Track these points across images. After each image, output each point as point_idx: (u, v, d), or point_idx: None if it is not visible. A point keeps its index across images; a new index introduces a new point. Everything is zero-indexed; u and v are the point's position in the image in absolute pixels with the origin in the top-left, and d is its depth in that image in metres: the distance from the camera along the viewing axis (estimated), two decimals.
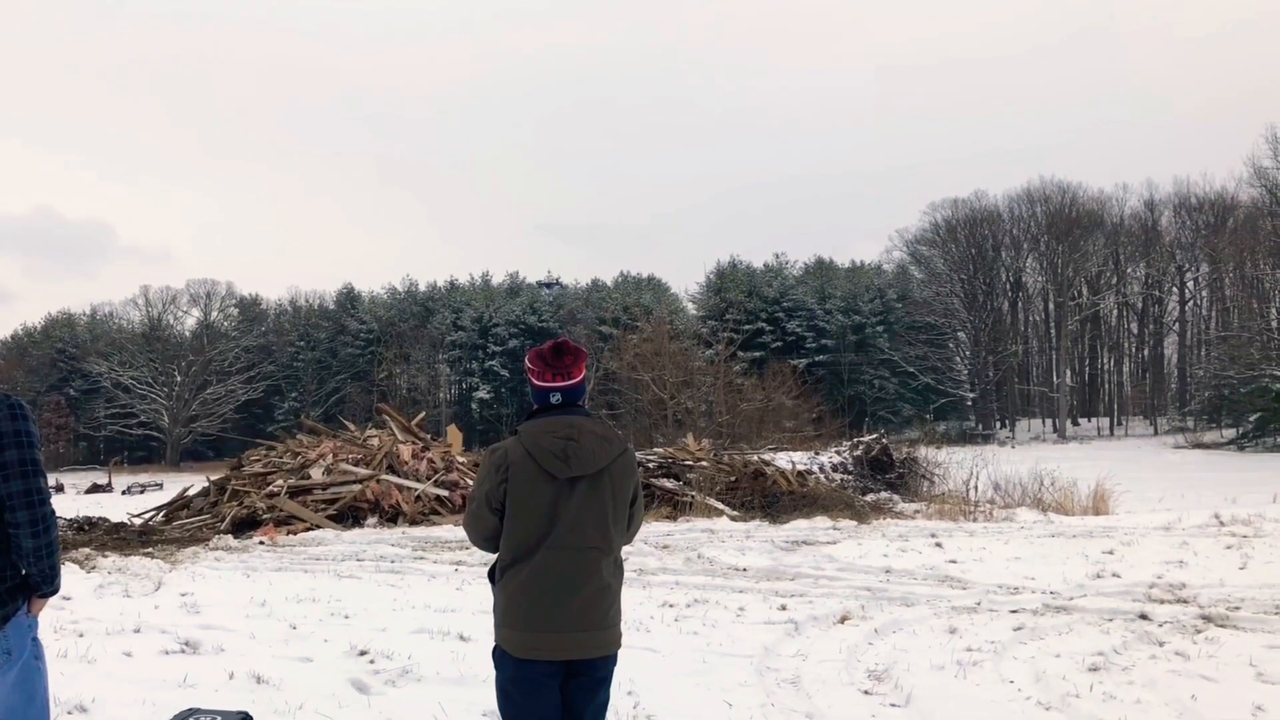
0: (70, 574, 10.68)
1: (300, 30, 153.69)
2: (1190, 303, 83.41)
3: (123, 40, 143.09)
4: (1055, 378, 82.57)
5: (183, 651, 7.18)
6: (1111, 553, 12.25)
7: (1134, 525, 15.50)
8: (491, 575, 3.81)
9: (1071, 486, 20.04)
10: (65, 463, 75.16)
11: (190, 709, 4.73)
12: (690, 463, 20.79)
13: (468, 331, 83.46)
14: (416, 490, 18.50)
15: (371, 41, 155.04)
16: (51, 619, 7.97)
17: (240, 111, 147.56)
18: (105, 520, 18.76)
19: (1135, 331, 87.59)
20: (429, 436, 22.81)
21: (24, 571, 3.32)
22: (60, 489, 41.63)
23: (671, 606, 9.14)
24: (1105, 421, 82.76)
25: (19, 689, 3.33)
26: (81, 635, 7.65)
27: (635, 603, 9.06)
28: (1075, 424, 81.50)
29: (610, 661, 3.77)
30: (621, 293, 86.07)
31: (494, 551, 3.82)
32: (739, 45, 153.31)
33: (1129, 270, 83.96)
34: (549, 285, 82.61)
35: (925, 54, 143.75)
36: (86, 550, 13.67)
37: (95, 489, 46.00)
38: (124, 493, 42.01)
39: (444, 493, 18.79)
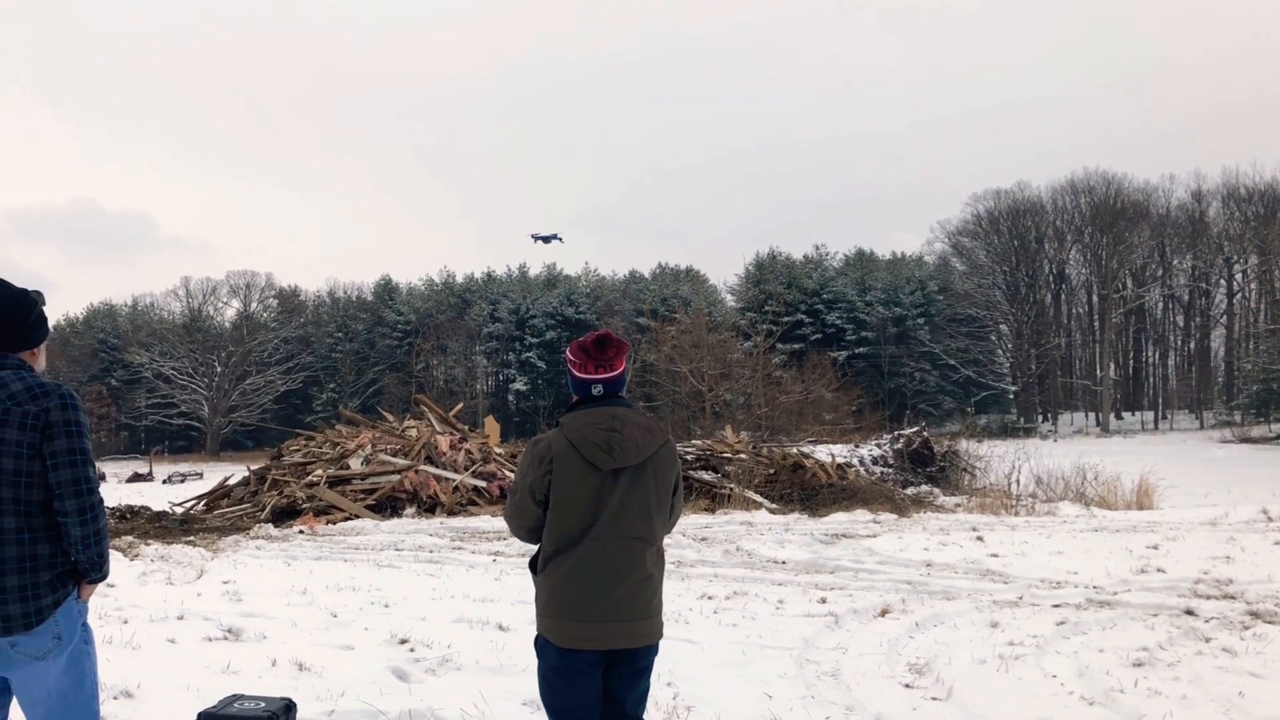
0: (114, 562, 10.80)
1: (336, 22, 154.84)
2: (1239, 295, 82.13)
3: (162, 32, 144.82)
4: (1099, 371, 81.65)
5: (225, 639, 7.25)
6: (1156, 548, 12.08)
7: (1179, 520, 15.27)
8: (533, 565, 3.82)
9: (1115, 481, 19.78)
10: (107, 452, 76.30)
11: (235, 695, 4.77)
12: (728, 455, 20.74)
13: (505, 323, 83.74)
14: (454, 481, 18.59)
15: (406, 33, 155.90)
16: (96, 606, 8.07)
17: (278, 104, 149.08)
18: (147, 509, 18.99)
19: (1181, 324, 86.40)
20: (466, 428, 22.92)
21: (73, 558, 3.35)
22: (102, 478, 42.17)
23: (710, 598, 9.12)
24: (1150, 415, 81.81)
25: (69, 673, 3.37)
26: (126, 622, 7.74)
27: (674, 594, 9.05)
28: (1119, 418, 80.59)
29: (652, 651, 3.79)
30: (659, 284, 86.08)
31: (535, 543, 3.82)
32: (773, 34, 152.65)
33: (1175, 262, 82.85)
34: (546, 238, 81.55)
35: (964, 41, 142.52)
36: (129, 538, 13.86)
37: (136, 478, 46.71)
38: (165, 482, 42.64)
39: (481, 483, 18.86)
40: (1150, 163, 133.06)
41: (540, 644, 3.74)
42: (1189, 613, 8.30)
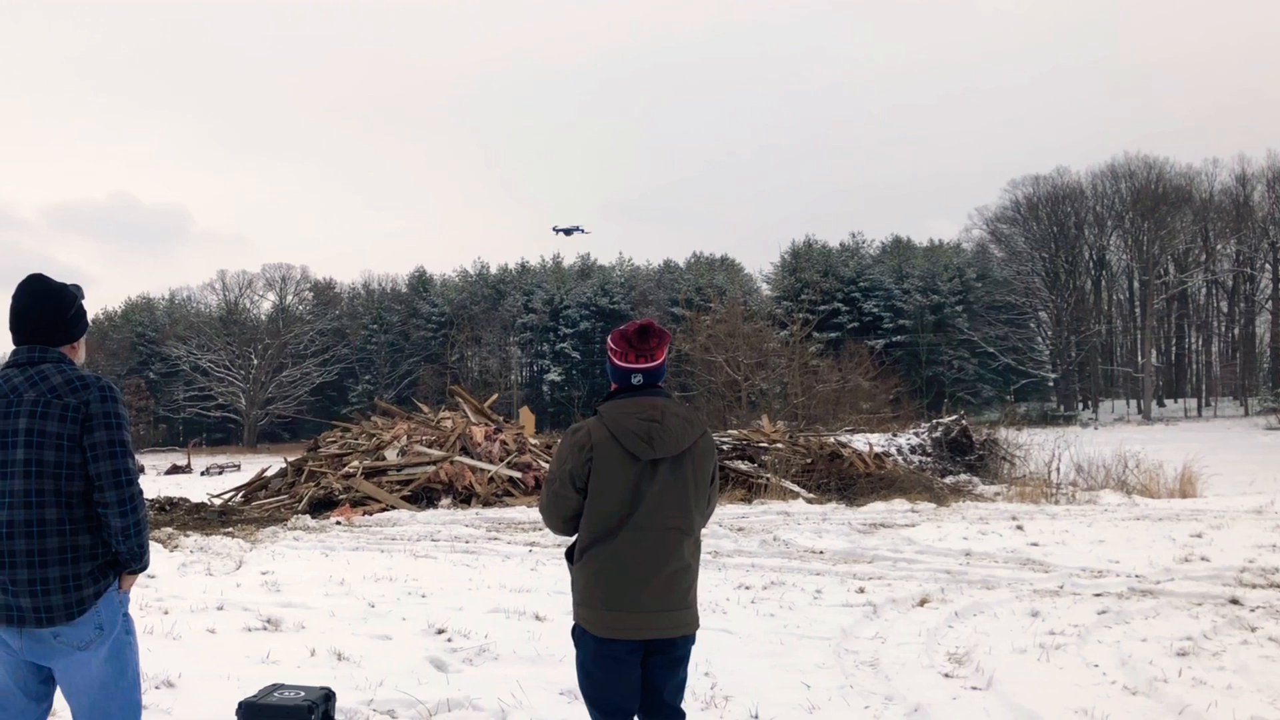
0: (154, 553, 10.90)
1: (370, 12, 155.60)
2: None
3: (195, 25, 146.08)
4: (1140, 358, 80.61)
5: (265, 629, 7.31)
6: (1200, 536, 11.92)
7: (1223, 508, 15.07)
8: (569, 555, 3.82)
9: (1157, 469, 19.51)
10: (146, 444, 77.03)
11: (275, 684, 4.81)
12: (765, 445, 20.68)
13: (539, 314, 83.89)
14: (490, 472, 18.64)
15: (440, 24, 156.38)
16: (137, 596, 8.16)
17: (311, 97, 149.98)
18: (186, 500, 19.21)
19: (1225, 310, 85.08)
20: (501, 418, 22.98)
21: (114, 549, 3.38)
22: (141, 470, 42.57)
23: (748, 589, 9.09)
24: (1193, 402, 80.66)
25: (111, 663, 3.40)
26: (166, 612, 7.83)
27: (711, 585, 9.02)
28: (1161, 405, 79.57)
29: (690, 640, 3.79)
30: (694, 273, 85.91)
31: (570, 534, 3.82)
32: (805, 18, 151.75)
33: (1219, 247, 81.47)
34: (569, 230, 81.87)
35: (1003, 24, 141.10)
36: (169, 530, 14.00)
37: (175, 470, 47.10)
38: (203, 474, 43.01)
39: (517, 474, 18.91)
40: (1193, 146, 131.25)
41: (578, 634, 3.74)
42: (1234, 602, 8.18)
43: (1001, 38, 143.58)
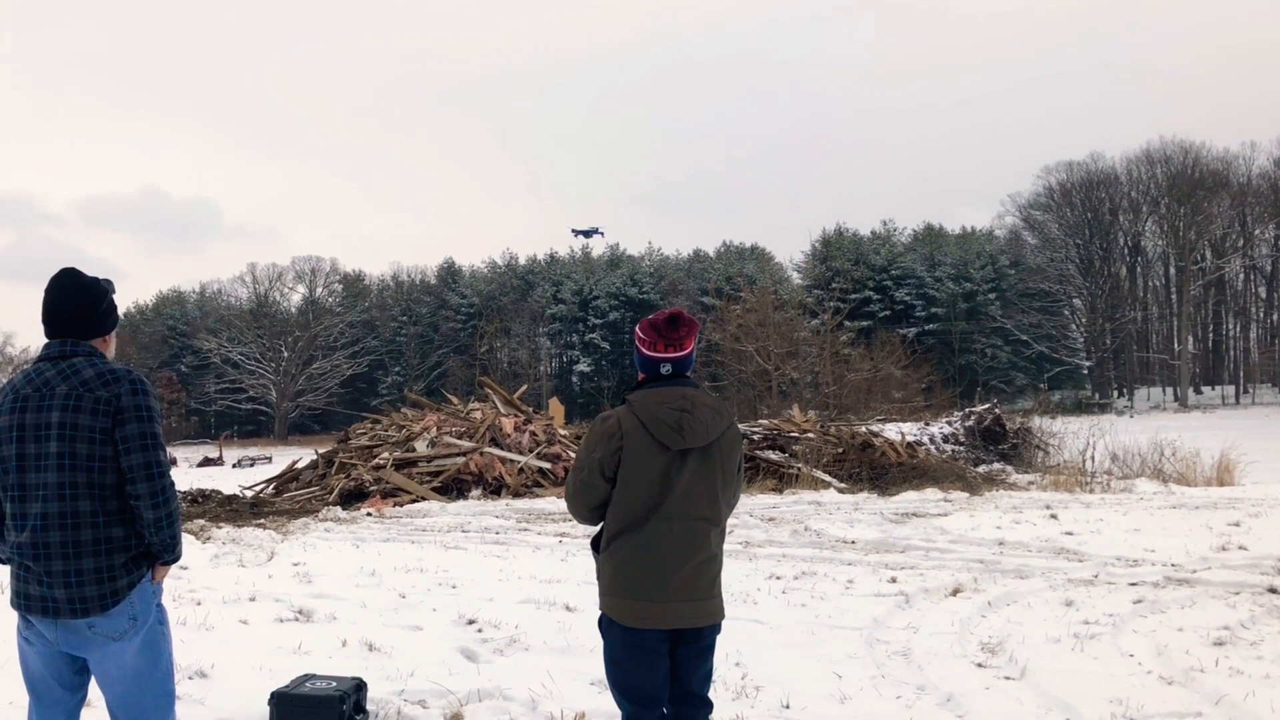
0: (186, 544, 10.98)
1: (391, 10, 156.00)
2: None
3: (227, 23, 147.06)
4: (1176, 345, 79.73)
5: (297, 619, 7.35)
6: (1238, 524, 11.77)
7: (1262, 496, 14.88)
8: (595, 545, 3.81)
9: (1194, 456, 19.28)
10: (177, 437, 77.94)
11: (306, 675, 4.84)
12: (796, 434, 20.60)
13: (568, 304, 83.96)
14: (519, 463, 18.68)
15: (469, 14, 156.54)
16: (170, 588, 8.21)
17: (340, 88, 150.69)
18: (218, 492, 19.32)
19: (1264, 296, 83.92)
20: (530, 409, 23.01)
21: (147, 541, 3.40)
22: (173, 462, 43.08)
23: (779, 579, 9.05)
24: (1230, 389, 79.75)
25: (145, 653, 3.42)
26: (199, 604, 7.88)
27: (742, 574, 9.00)
28: (1198, 392, 78.72)
29: (716, 630, 3.80)
30: (724, 263, 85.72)
31: (595, 522, 3.82)
32: (841, 8, 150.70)
33: (1257, 232, 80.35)
34: (587, 233, 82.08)
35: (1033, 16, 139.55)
36: (201, 521, 14.10)
37: (207, 462, 47.58)
38: (234, 466, 43.47)
39: (546, 465, 18.93)
40: (1230, 130, 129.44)
41: (605, 624, 3.73)
42: (1272, 591, 8.08)
43: (1031, 31, 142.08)
